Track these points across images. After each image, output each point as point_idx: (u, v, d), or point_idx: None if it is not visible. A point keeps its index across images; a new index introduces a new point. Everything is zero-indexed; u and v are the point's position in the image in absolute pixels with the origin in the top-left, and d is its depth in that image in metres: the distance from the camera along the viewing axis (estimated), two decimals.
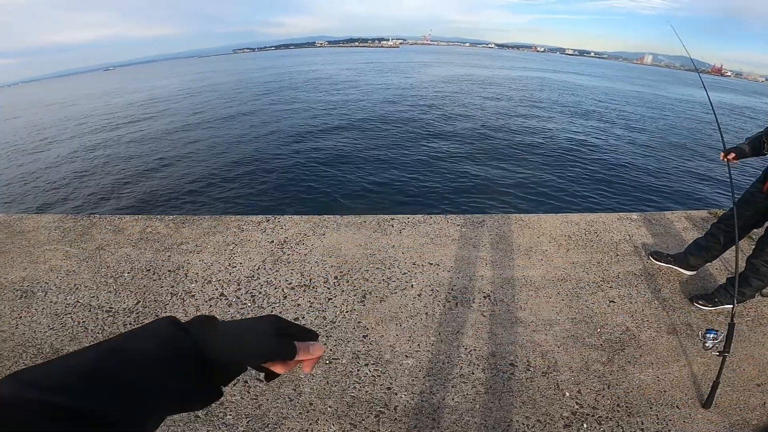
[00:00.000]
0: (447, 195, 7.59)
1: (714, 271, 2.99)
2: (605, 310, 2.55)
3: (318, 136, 12.18)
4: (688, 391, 2.01)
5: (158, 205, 7.64)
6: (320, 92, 22.98)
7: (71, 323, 2.43)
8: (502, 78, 37.45)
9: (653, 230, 3.51)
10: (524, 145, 11.52)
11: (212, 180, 8.91)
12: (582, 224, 3.51)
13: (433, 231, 3.32)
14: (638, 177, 9.58)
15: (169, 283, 2.76)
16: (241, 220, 3.49)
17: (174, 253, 3.07)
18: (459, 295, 2.62)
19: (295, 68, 49.58)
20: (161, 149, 12.03)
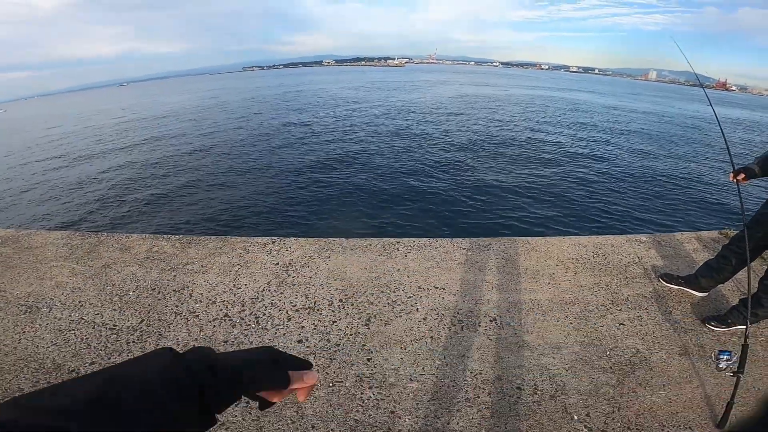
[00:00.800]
0: (453, 218, 7.60)
1: (726, 293, 2.92)
2: (615, 332, 2.49)
3: (324, 158, 12.37)
4: (701, 412, 1.94)
5: (165, 225, 7.78)
6: (327, 113, 23.42)
7: (74, 339, 2.45)
8: (507, 97, 37.96)
9: (663, 252, 3.46)
10: (530, 167, 11.54)
11: (218, 200, 9.08)
12: (590, 247, 3.47)
13: (439, 254, 3.31)
14: (647, 197, 9.52)
15: (174, 302, 2.78)
16: (247, 241, 3.53)
17: (179, 273, 3.10)
18: (465, 319, 2.59)
19: (302, 87, 50.94)
20: (169, 169, 12.34)
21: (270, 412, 1.92)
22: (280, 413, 1.92)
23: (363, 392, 2.04)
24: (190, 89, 67.44)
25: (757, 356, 2.30)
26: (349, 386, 2.08)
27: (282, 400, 0.54)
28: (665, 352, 2.33)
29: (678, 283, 2.95)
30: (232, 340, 2.42)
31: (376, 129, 17.25)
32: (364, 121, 19.71)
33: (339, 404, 1.97)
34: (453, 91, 41.54)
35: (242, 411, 1.93)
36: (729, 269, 2.70)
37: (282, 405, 1.96)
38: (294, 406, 1.95)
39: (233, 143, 15.65)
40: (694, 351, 2.34)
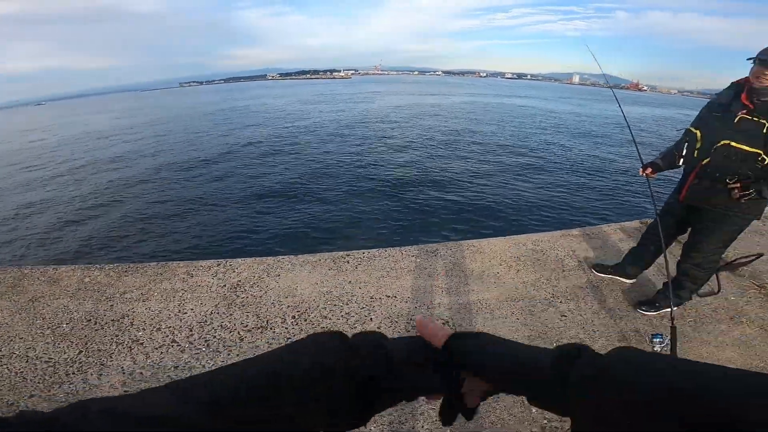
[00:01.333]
0: (401, 226, 7.70)
1: (652, 278, 3.18)
2: (558, 324, 2.64)
3: (269, 176, 11.96)
4: None
5: (96, 255, 7.14)
6: (272, 129, 22.69)
7: (8, 374, 2.24)
8: (449, 105, 39.12)
9: (593, 244, 3.72)
10: (470, 172, 11.93)
11: (154, 226, 8.43)
12: (529, 244, 3.66)
13: (389, 264, 3.33)
14: (576, 194, 10.21)
15: (113, 332, 2.59)
16: (190, 265, 3.35)
17: (117, 303, 2.89)
18: None
19: (245, 102, 48.73)
20: (97, 197, 11.16)
21: None
22: None
23: None
24: (117, 108, 62.46)
25: (688, 337, 2.53)
26: None
27: None
28: (605, 339, 2.49)
29: (608, 272, 3.18)
30: (183, 365, 2.29)
31: (321, 143, 17.05)
32: (309, 135, 19.41)
33: None
34: (398, 101, 42.15)
35: None
36: (649, 256, 2.95)
37: None
38: None
39: (167, 165, 14.49)
40: (631, 336, 2.53)
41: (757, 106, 2.14)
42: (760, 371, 1.16)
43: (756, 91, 2.14)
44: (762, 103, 2.13)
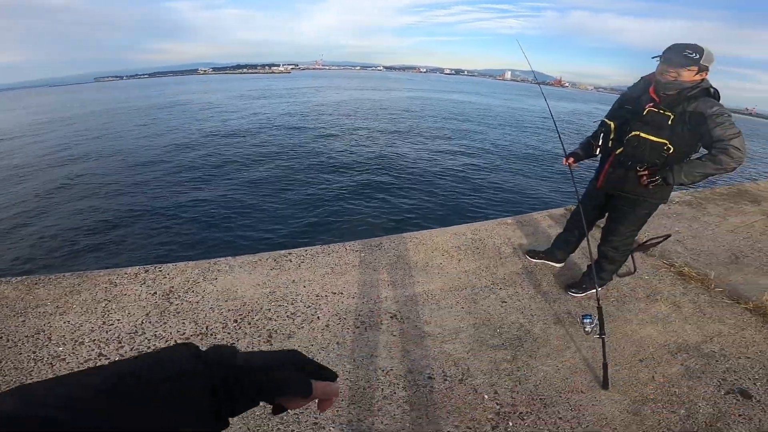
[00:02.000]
0: (342, 222, 7.63)
1: (578, 261, 3.45)
2: (500, 310, 2.77)
3: (196, 175, 11.12)
4: (586, 375, 2.25)
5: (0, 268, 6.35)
6: (201, 125, 21.01)
7: None
8: (388, 100, 39.11)
9: (525, 231, 3.94)
10: (410, 166, 12.11)
11: (69, 233, 7.57)
12: (468, 234, 3.80)
13: (333, 260, 3.30)
14: (508, 184, 10.78)
15: (29, 348, 2.32)
16: (113, 273, 3.07)
17: (29, 317, 2.58)
18: (366, 320, 2.63)
19: (170, 98, 44.64)
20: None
21: None
22: None
23: None
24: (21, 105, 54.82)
25: (612, 316, 2.76)
26: (264, 405, 1.96)
27: (298, 409, 0.51)
28: (543, 323, 2.66)
29: (540, 257, 3.40)
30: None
31: (255, 139, 16.22)
32: (242, 131, 18.29)
33: (258, 426, 1.85)
34: (339, 97, 41.22)
35: None
36: (574, 240, 3.19)
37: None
38: None
39: (79, 166, 12.95)
40: (564, 318, 2.72)
41: (663, 99, 2.35)
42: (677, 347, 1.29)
43: (662, 86, 2.34)
44: (667, 97, 2.34)
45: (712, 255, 3.75)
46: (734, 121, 2.20)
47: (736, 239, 4.12)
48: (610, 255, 2.84)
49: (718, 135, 2.17)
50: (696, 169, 2.28)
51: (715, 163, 2.21)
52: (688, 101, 2.26)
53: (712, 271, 3.35)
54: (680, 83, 2.28)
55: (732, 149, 2.15)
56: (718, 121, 2.17)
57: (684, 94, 2.27)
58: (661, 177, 2.38)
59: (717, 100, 2.26)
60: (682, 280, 3.25)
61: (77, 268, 5.11)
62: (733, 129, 2.16)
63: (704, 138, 2.24)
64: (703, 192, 5.68)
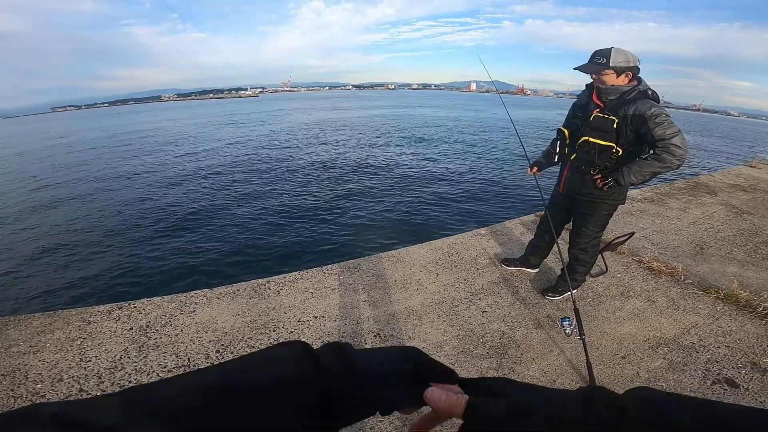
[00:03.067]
0: (319, 246, 7.57)
1: (552, 265, 3.52)
2: (481, 320, 2.80)
3: (164, 208, 10.77)
4: (571, 376, 2.28)
5: None
6: (166, 157, 20.51)
7: None
8: (358, 119, 39.40)
9: (499, 240, 4.02)
10: (381, 183, 12.18)
11: (30, 274, 7.23)
12: (445, 248, 3.84)
13: (312, 285, 3.28)
14: (481, 194, 11.02)
15: (7, 387, 2.22)
16: (85, 312, 2.96)
17: (2, 357, 2.47)
18: (351, 340, 2.61)
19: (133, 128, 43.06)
20: None
21: None
22: None
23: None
24: None
25: (590, 316, 2.83)
26: None
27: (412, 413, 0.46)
28: (524, 328, 2.70)
29: (515, 264, 3.47)
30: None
31: (224, 168, 15.92)
32: (210, 161, 17.87)
33: None
34: (308, 119, 41.23)
35: None
36: (545, 245, 3.27)
37: None
38: None
39: (32, 204, 12.58)
40: (545, 322, 2.77)
41: (606, 104, 2.49)
42: (657, 341, 1.33)
43: (603, 91, 2.49)
44: (609, 102, 2.48)
45: (677, 248, 3.90)
46: (676, 119, 2.34)
47: (698, 231, 4.31)
48: (580, 257, 2.92)
49: (660, 135, 2.29)
50: (644, 169, 2.41)
51: (660, 161, 2.33)
52: (628, 104, 2.38)
53: (680, 263, 3.48)
54: (616, 88, 2.43)
55: (673, 147, 2.28)
56: (657, 122, 2.29)
57: (624, 98, 2.41)
58: (613, 179, 2.51)
59: (656, 102, 2.39)
60: (653, 275, 3.36)
61: (47, 308, 4.90)
62: (673, 128, 2.29)
63: (647, 138, 2.36)
64: (663, 188, 5.94)
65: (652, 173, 2.40)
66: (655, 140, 2.31)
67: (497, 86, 4.03)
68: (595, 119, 2.50)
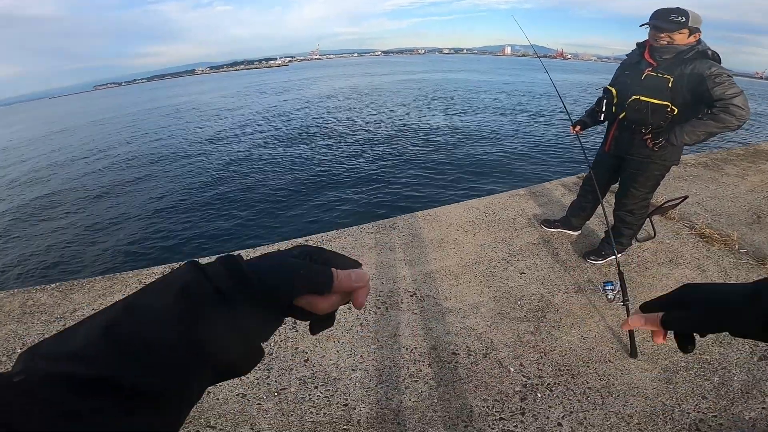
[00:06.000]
0: (357, 205, 7.65)
1: (595, 227, 3.41)
2: (519, 282, 2.76)
3: (212, 172, 11.28)
4: (612, 344, 2.24)
5: (34, 276, 6.49)
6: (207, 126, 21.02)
7: None
8: (390, 84, 38.41)
9: (539, 201, 3.90)
10: (415, 145, 12.01)
11: (92, 239, 7.69)
12: (481, 208, 3.77)
13: (349, 243, 3.31)
14: (518, 156, 10.66)
15: None
16: (141, 273, 3.12)
17: (68, 322, 2.64)
18: (387, 300, 2.64)
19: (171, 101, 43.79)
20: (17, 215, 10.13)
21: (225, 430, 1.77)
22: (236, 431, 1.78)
23: (311, 393, 1.98)
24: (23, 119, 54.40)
25: (635, 282, 2.74)
26: (295, 391, 1.99)
27: (333, 310, 0.41)
28: (563, 292, 2.65)
29: (556, 226, 3.38)
30: None
31: (264, 134, 16.20)
32: (250, 128, 18.16)
33: (291, 411, 1.88)
34: (338, 85, 40.53)
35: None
36: (589, 206, 3.15)
37: (234, 424, 1.82)
38: (247, 424, 1.82)
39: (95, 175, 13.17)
40: (585, 287, 2.70)
41: (660, 63, 2.37)
42: None
43: (657, 50, 2.38)
44: (664, 60, 2.35)
45: (733, 215, 3.68)
46: (739, 82, 2.19)
47: (756, 198, 4.04)
48: (626, 219, 2.81)
49: (719, 94, 2.16)
50: (698, 129, 2.27)
51: (717, 121, 2.20)
52: (686, 63, 2.26)
53: (735, 231, 3.28)
54: (675, 47, 2.31)
55: (733, 107, 2.14)
56: (717, 81, 2.16)
57: (681, 57, 2.29)
58: (664, 138, 2.38)
59: (717, 62, 2.25)
60: (705, 243, 3.20)
61: (107, 271, 5.22)
62: (734, 88, 2.14)
63: (705, 98, 2.23)
64: (720, 153, 5.56)
65: (707, 133, 2.27)
66: (714, 100, 2.18)
67: (538, 50, 3.78)
68: (648, 78, 2.39)
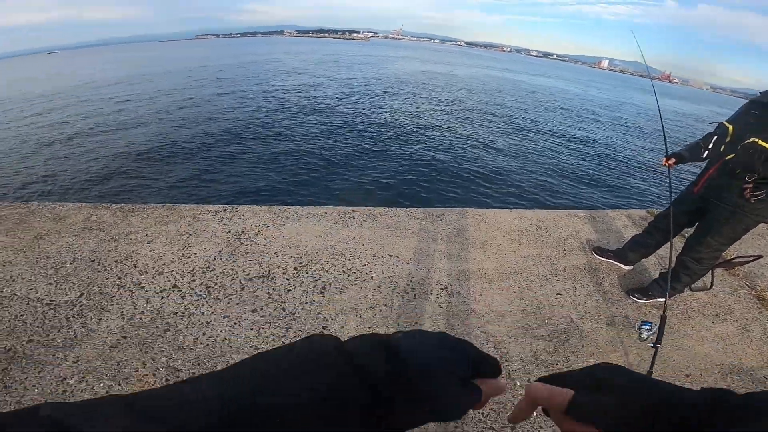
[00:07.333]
0: (407, 188, 7.71)
1: (649, 267, 3.24)
2: (552, 302, 2.71)
3: (278, 128, 11.98)
4: None
5: (104, 194, 7.23)
6: (285, 84, 22.21)
7: (8, 317, 2.26)
8: (471, 77, 37.97)
9: (597, 227, 3.75)
10: (484, 142, 11.86)
11: (163, 169, 8.50)
12: (534, 220, 3.69)
13: (394, 223, 3.38)
14: (588, 176, 10.20)
15: (116, 274, 2.64)
16: (197, 209, 3.39)
17: (122, 243, 2.93)
18: (417, 287, 2.70)
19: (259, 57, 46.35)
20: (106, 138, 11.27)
21: None
22: None
23: None
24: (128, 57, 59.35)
25: (672, 328, 2.61)
26: None
27: None
28: (595, 322, 2.58)
29: (608, 256, 3.24)
30: (182, 312, 2.35)
31: (336, 101, 16.84)
32: (323, 93, 18.97)
33: None
34: (414, 68, 40.66)
35: None
36: (653, 244, 2.98)
37: None
38: None
39: (178, 112, 14.58)
40: (619, 321, 2.61)
41: None
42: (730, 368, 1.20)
43: None
44: None
45: None
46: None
47: None
48: (690, 266, 2.64)
49: None
50: None
51: None
52: None
53: None
54: None
55: None
56: None
57: None
58: (765, 192, 2.16)
59: None
60: (760, 305, 2.96)
61: (167, 200, 5.69)
62: None
63: None
64: None
65: None
66: None
67: (637, 68, 3.54)
68: None
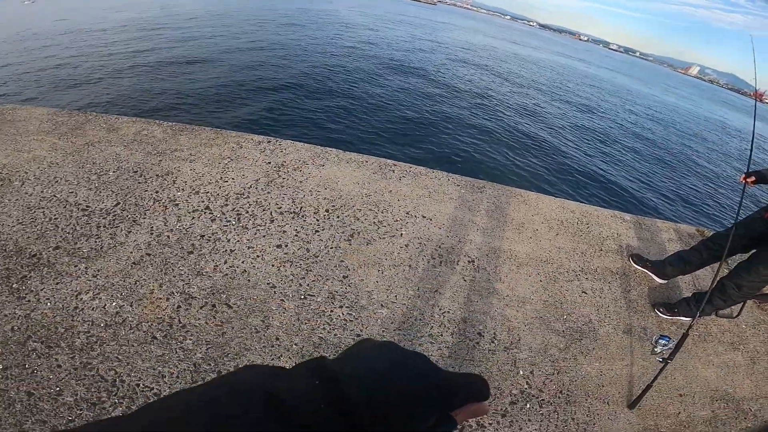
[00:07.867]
0: (451, 153, 7.62)
1: (682, 285, 3.14)
2: (576, 299, 2.69)
3: (333, 73, 12.15)
4: (622, 390, 2.19)
5: (159, 111, 7.56)
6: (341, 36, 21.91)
7: (42, 219, 2.37)
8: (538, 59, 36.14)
9: (640, 234, 3.61)
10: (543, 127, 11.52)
11: (218, 96, 8.82)
12: (577, 213, 3.59)
13: (433, 185, 3.35)
14: (647, 182, 9.79)
15: (155, 187, 2.75)
16: (242, 137, 3.45)
17: (165, 159, 3.04)
18: (445, 255, 2.71)
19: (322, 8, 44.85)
20: (169, 61, 11.69)
21: (235, 318, 1.99)
22: (246, 320, 2.00)
23: (333, 310, 2.15)
24: None
25: (685, 347, 2.56)
26: (321, 302, 2.17)
27: None
28: (612, 327, 2.55)
29: (645, 265, 3.14)
30: (209, 236, 2.43)
31: (396, 59, 16.72)
32: (381, 51, 18.59)
33: (307, 319, 2.07)
34: (480, 41, 38.76)
35: (206, 315, 1.99)
36: (697, 263, 2.85)
37: (249, 311, 2.04)
38: (261, 314, 2.04)
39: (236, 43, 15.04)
40: (636, 332, 2.58)
41: None
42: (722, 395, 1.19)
43: None
44: None
45: None
46: None
47: None
48: (729, 291, 2.54)
49: None
50: None
51: None
52: None
53: None
54: None
55: None
56: None
57: None
58: None
59: None
60: None
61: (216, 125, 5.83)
62: None
63: None
64: None
65: None
66: None
67: (729, 80, 3.22)
68: None
